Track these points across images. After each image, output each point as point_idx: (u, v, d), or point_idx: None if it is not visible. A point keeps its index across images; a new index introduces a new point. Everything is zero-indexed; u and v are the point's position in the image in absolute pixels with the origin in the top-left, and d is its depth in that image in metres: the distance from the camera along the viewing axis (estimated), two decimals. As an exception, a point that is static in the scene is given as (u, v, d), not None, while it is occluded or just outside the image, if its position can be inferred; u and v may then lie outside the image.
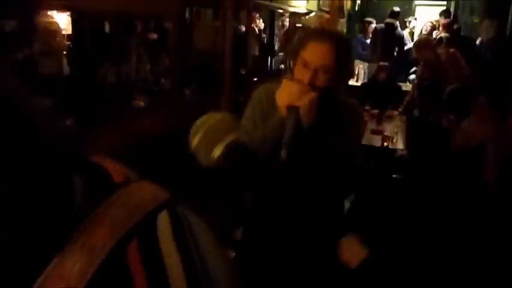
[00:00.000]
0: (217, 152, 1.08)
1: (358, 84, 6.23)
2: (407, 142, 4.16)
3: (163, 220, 0.53)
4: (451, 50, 4.71)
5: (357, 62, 7.06)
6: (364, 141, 4.12)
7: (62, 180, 0.51)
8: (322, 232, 1.51)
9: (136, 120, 2.79)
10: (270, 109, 1.38)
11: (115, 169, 0.59)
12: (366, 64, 6.89)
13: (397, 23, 6.89)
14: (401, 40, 6.84)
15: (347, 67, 1.41)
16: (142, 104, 3.06)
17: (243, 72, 4.27)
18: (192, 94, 3.34)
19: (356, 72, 6.97)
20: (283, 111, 1.30)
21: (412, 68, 6.96)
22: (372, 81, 5.51)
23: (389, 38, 6.66)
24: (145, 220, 0.52)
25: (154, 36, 3.19)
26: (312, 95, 1.28)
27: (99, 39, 2.72)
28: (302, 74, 1.32)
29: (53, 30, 2.24)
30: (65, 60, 2.41)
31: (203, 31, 3.63)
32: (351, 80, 6.36)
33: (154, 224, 0.52)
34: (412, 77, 6.87)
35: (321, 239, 1.51)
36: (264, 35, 5.33)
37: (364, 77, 6.80)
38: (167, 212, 0.54)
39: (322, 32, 1.37)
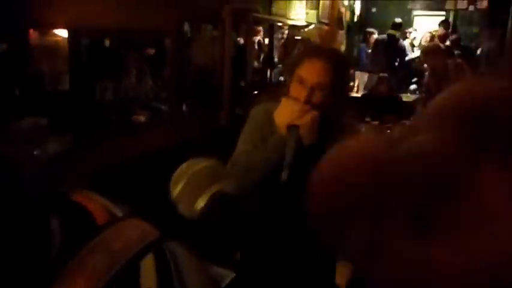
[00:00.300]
0: (200, 203, 0.98)
1: (359, 95, 6.21)
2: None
3: (147, 261, 0.51)
4: (459, 60, 4.70)
5: (357, 73, 7.07)
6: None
7: (39, 223, 0.48)
8: (322, 252, 1.47)
9: (135, 136, 2.77)
10: (268, 129, 1.36)
11: (98, 208, 0.56)
12: (367, 75, 6.88)
13: (399, 34, 6.90)
14: (403, 51, 6.84)
15: (344, 84, 1.40)
16: (142, 119, 3.05)
17: (243, 85, 4.26)
18: (191, 109, 3.32)
19: (356, 83, 6.97)
20: (283, 130, 1.29)
21: (413, 78, 6.96)
22: (372, 93, 5.50)
23: (391, 49, 6.66)
24: (129, 266, 0.49)
25: (152, 51, 3.18)
26: (314, 113, 1.27)
27: (99, 56, 2.72)
28: (298, 91, 1.31)
29: (52, 48, 2.24)
30: (65, 77, 2.39)
31: (202, 45, 3.63)
32: (350, 92, 6.39)
33: (138, 268, 0.50)
34: (414, 87, 6.86)
35: (321, 258, 1.48)
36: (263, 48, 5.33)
37: (364, 88, 6.78)
38: (152, 253, 0.52)
39: (318, 49, 1.36)
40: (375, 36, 7.16)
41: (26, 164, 0.52)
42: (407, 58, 6.98)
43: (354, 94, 6.36)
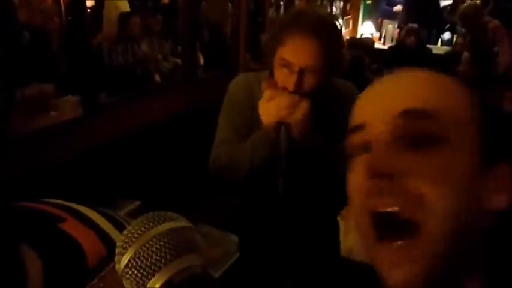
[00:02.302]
0: (154, 284, 0.65)
1: (385, 47, 5.89)
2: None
3: None
4: (495, 22, 4.35)
5: (385, 22, 6.67)
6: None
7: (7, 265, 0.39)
8: (322, 246, 1.40)
9: (148, 99, 2.69)
10: (249, 107, 1.16)
11: (90, 240, 0.48)
12: (394, 23, 6.47)
13: None
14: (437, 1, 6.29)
15: (339, 60, 1.15)
16: (158, 78, 2.96)
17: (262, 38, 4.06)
18: (205, 70, 3.19)
19: (383, 34, 6.60)
20: (270, 129, 1.09)
21: (445, 26, 6.52)
22: (399, 45, 5.20)
23: None
24: None
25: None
26: (305, 106, 1.06)
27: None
28: (284, 77, 1.09)
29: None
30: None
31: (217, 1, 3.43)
32: (377, 43, 6.05)
33: None
34: (447, 36, 6.43)
35: (321, 252, 1.40)
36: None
37: (392, 39, 6.40)
38: None
39: (301, 21, 1.07)
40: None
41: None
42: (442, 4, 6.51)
43: (380, 46, 6.04)
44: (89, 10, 2.37)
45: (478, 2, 5.60)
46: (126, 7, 2.91)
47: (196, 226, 0.81)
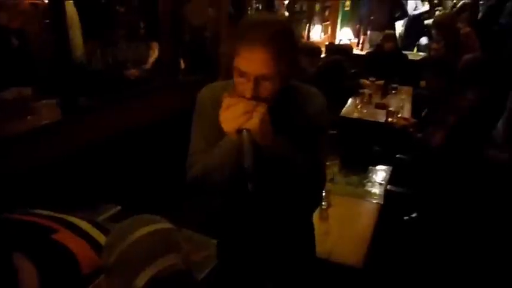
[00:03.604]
0: (140, 281, 0.73)
1: (363, 53, 6.00)
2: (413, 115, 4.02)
3: None
4: (467, 29, 4.50)
5: (363, 29, 6.79)
6: (367, 117, 4.03)
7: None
8: (296, 243, 1.43)
9: (128, 103, 2.68)
10: (216, 116, 1.16)
11: (83, 248, 0.50)
12: (372, 32, 6.60)
13: None
14: (401, 5, 6.41)
15: (293, 63, 1.17)
16: (136, 74, 2.94)
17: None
18: (187, 73, 3.20)
19: (361, 40, 6.72)
20: (233, 136, 1.12)
21: (422, 35, 6.67)
22: (377, 51, 5.30)
23: (385, 1, 6.20)
24: None
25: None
26: (261, 110, 1.08)
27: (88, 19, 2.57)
28: (242, 85, 1.12)
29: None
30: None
31: (197, 3, 3.44)
32: (355, 49, 6.15)
33: None
34: (424, 41, 6.57)
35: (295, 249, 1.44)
36: None
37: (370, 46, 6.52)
38: None
39: (253, 31, 1.09)
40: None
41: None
42: (416, 12, 6.66)
43: (358, 52, 6.15)
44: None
45: (453, 9, 5.77)
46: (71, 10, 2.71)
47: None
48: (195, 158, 1.26)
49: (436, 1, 6.71)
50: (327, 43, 5.96)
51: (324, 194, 2.22)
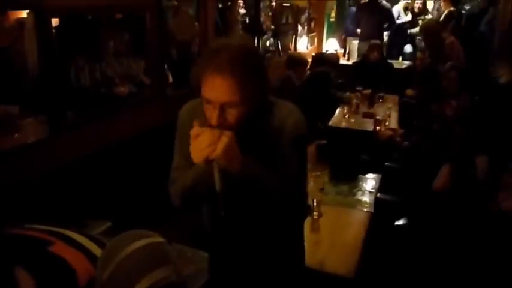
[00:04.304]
0: None
1: (349, 63, 6.08)
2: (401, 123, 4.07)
3: None
4: (452, 38, 4.60)
5: (348, 39, 6.89)
6: (355, 126, 4.07)
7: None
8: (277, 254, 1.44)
9: (116, 117, 2.68)
10: None
11: (79, 260, 0.51)
12: (357, 42, 6.69)
13: None
14: (389, 16, 6.50)
15: (261, 86, 1.16)
16: (124, 89, 2.94)
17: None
18: (174, 87, 3.21)
19: (347, 50, 6.81)
20: (202, 165, 1.12)
21: (406, 44, 6.78)
22: (363, 61, 5.37)
23: (376, 14, 6.26)
24: None
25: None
26: (225, 140, 1.07)
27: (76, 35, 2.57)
28: (209, 111, 1.12)
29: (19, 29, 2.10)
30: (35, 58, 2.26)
31: (184, 19, 3.47)
32: (341, 59, 6.22)
33: None
34: (409, 49, 6.68)
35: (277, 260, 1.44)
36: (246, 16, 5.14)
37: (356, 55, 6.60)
38: None
39: (216, 60, 1.07)
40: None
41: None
42: (399, 21, 6.77)
43: (344, 62, 6.23)
44: (54, 30, 2.35)
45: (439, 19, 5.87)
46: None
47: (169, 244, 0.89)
48: (175, 174, 1.28)
49: (417, 11, 6.83)
50: (313, 54, 6.04)
51: (314, 204, 2.23)
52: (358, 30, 6.43)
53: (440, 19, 5.81)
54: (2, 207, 1.78)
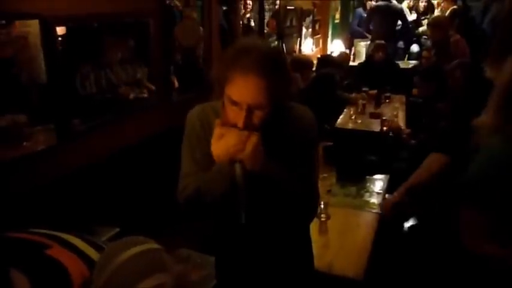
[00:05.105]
0: None
1: (355, 64, 6.07)
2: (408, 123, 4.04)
3: None
4: (457, 36, 4.57)
5: (355, 40, 6.87)
6: (362, 127, 4.05)
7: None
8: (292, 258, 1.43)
9: (124, 122, 2.69)
10: (205, 137, 1.17)
11: (74, 262, 0.53)
12: (364, 42, 6.67)
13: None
14: (403, 17, 6.46)
15: (287, 91, 1.17)
16: (130, 95, 2.95)
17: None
18: (180, 91, 3.22)
19: (353, 51, 6.79)
20: (225, 165, 1.11)
21: (412, 43, 6.74)
22: (368, 61, 5.36)
23: (387, 14, 6.31)
24: None
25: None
26: (254, 140, 1.07)
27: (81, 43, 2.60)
28: (234, 114, 1.10)
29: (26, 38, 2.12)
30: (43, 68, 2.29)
31: (188, 25, 3.48)
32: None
33: None
34: (415, 49, 6.63)
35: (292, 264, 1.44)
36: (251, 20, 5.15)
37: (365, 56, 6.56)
38: None
39: (245, 61, 1.06)
40: (373, 2, 6.88)
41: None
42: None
43: (350, 63, 6.21)
44: (60, 38, 2.38)
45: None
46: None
47: (177, 250, 0.90)
48: (187, 181, 1.24)
49: (422, 9, 6.81)
50: (318, 56, 6.04)
51: (322, 206, 2.22)
52: (367, 34, 6.41)
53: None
54: (10, 214, 1.79)
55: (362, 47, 6.67)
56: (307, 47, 6.31)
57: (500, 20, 3.89)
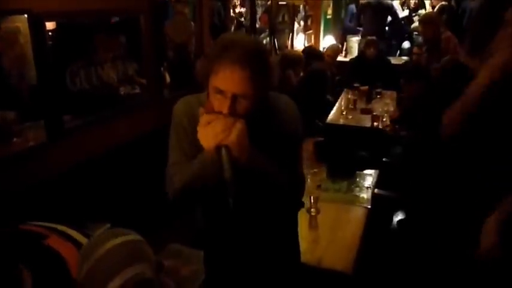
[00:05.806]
0: None
1: (347, 59, 6.09)
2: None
3: None
4: (448, 33, 4.60)
5: (348, 36, 6.88)
6: (353, 123, 4.08)
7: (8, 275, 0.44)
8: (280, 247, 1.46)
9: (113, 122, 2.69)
10: (192, 128, 1.21)
11: (72, 253, 0.55)
12: (355, 38, 6.69)
13: None
14: (394, 14, 6.49)
15: (268, 81, 1.22)
16: (121, 94, 2.94)
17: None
18: (172, 88, 3.22)
19: (344, 47, 6.81)
20: (211, 152, 1.14)
21: (404, 40, 6.78)
22: (360, 57, 5.38)
23: (378, 10, 6.35)
24: None
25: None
26: (239, 126, 1.12)
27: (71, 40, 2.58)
28: (219, 101, 1.15)
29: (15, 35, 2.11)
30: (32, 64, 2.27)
31: (179, 20, 3.47)
32: (339, 56, 6.23)
33: None
34: (407, 45, 6.67)
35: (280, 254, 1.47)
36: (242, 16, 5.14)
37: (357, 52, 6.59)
38: None
39: (232, 52, 1.12)
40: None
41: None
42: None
43: (341, 59, 6.23)
44: (50, 33, 2.36)
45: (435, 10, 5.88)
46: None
47: (167, 245, 0.93)
48: (173, 170, 1.27)
49: (414, 6, 6.84)
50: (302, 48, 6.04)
51: (312, 201, 2.24)
52: (360, 28, 6.44)
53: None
54: (2, 211, 1.79)
55: (354, 42, 6.69)
56: (299, 42, 6.32)
57: (474, 14, 3.94)
